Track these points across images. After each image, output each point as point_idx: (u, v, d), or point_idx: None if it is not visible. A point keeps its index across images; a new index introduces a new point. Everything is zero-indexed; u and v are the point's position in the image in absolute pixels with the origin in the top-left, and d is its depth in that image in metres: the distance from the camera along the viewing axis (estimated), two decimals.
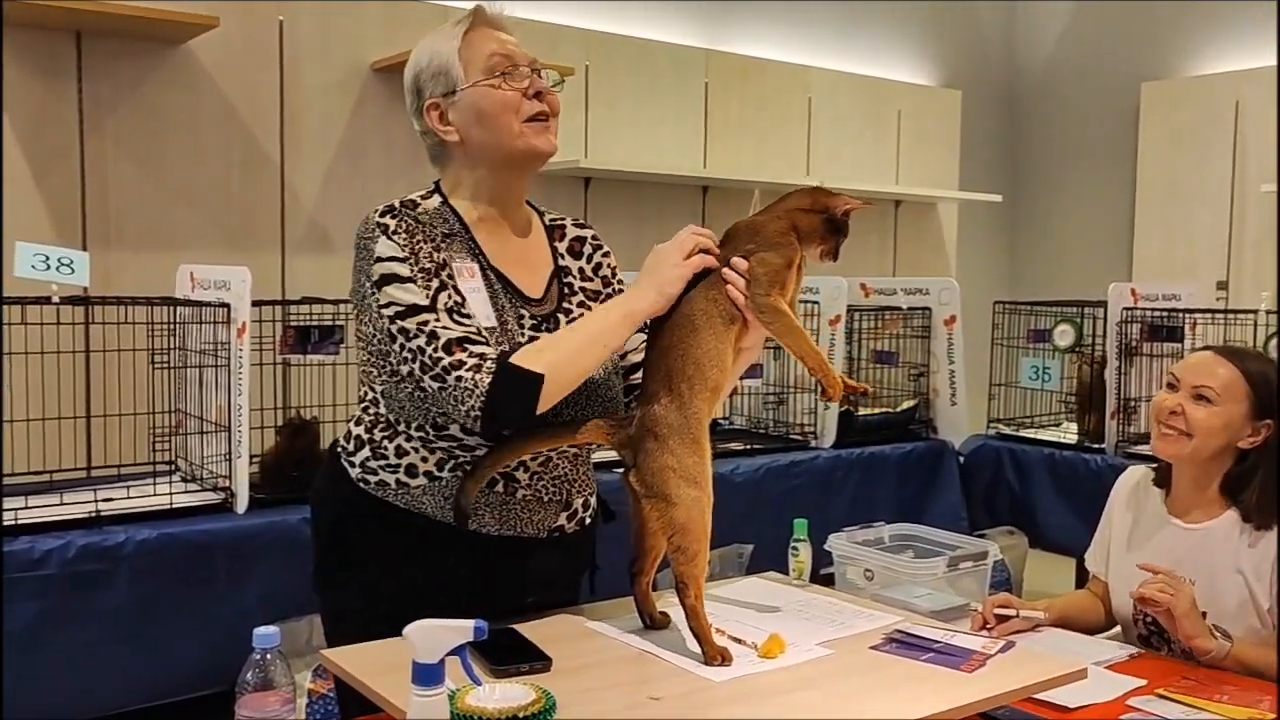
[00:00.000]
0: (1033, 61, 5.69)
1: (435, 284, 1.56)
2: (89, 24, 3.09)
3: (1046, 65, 5.62)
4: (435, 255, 1.59)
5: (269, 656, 1.28)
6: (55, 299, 2.41)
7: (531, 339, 1.64)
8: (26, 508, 2.38)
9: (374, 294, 1.56)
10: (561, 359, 1.54)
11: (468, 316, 1.57)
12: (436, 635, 1.07)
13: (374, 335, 1.62)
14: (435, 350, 1.51)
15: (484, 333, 1.58)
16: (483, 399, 1.49)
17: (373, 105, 3.63)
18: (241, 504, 2.56)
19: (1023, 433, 3.93)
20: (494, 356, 1.52)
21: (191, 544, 2.45)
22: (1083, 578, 4.37)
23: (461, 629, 1.07)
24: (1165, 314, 3.62)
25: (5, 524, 2.30)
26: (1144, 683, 1.75)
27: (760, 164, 4.56)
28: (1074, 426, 3.83)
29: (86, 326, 2.87)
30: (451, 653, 1.09)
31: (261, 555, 2.53)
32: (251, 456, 2.71)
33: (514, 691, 1.27)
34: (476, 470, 1.58)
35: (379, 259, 1.56)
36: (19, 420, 2.59)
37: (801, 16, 4.82)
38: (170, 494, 2.54)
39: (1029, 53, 5.70)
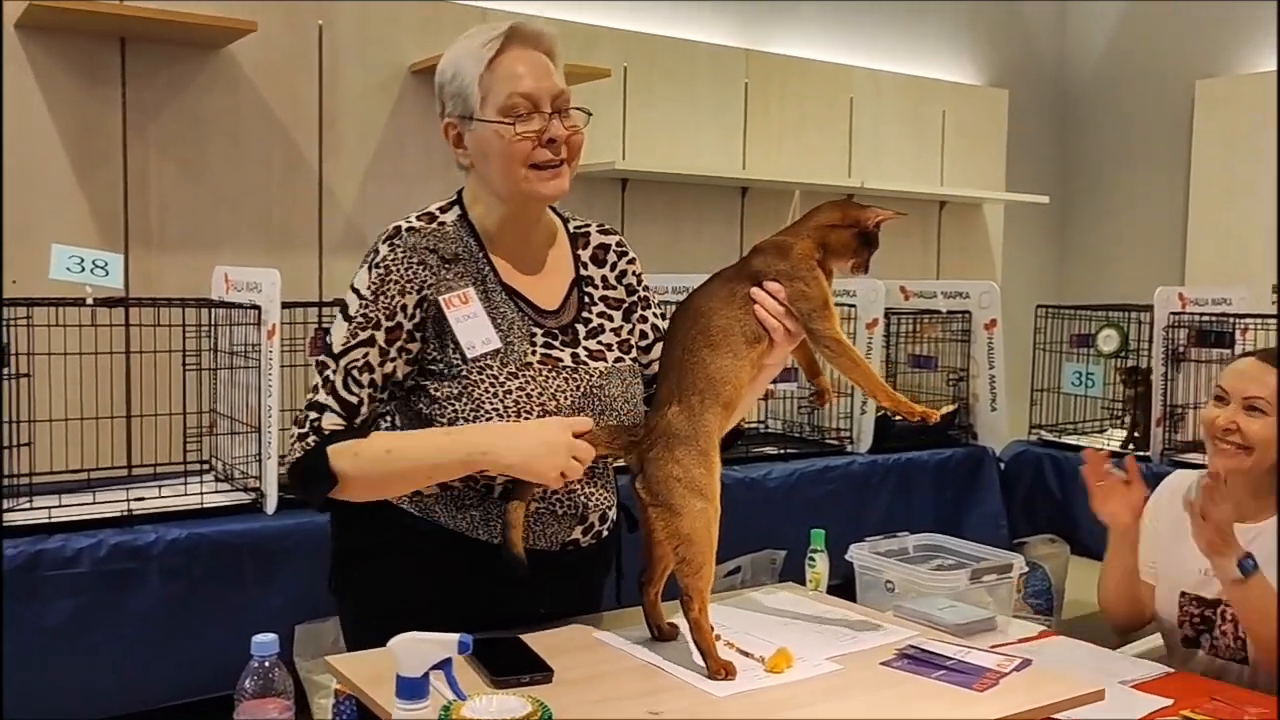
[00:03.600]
0: (1083, 58, 5.58)
1: (363, 336, 1.58)
2: (133, 30, 3.14)
3: (1097, 62, 5.51)
4: (397, 298, 1.58)
5: (268, 663, 1.28)
6: (90, 300, 2.45)
7: (544, 357, 1.63)
8: (60, 505, 2.42)
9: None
10: (369, 474, 1.57)
11: (360, 385, 1.58)
12: (420, 649, 1.06)
13: None
14: (308, 399, 1.59)
15: (363, 409, 1.58)
16: (287, 466, 1.58)
17: (411, 107, 3.65)
18: (271, 504, 2.59)
19: (1065, 439, 3.86)
20: (328, 432, 1.56)
21: (220, 544, 2.48)
22: None
23: (445, 643, 1.07)
24: (1214, 319, 3.53)
25: (38, 522, 2.34)
26: (1170, 703, 1.70)
27: (800, 165, 4.52)
28: (1118, 434, 3.76)
29: (126, 328, 2.92)
30: (438, 666, 1.09)
31: (290, 556, 2.55)
32: (282, 457, 2.74)
33: (510, 703, 1.27)
34: (510, 516, 1.56)
35: (352, 284, 1.62)
36: (57, 420, 2.63)
37: (843, 16, 4.77)
38: (201, 494, 2.58)
39: (1079, 50, 5.59)
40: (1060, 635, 2.04)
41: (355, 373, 1.57)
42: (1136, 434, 3.65)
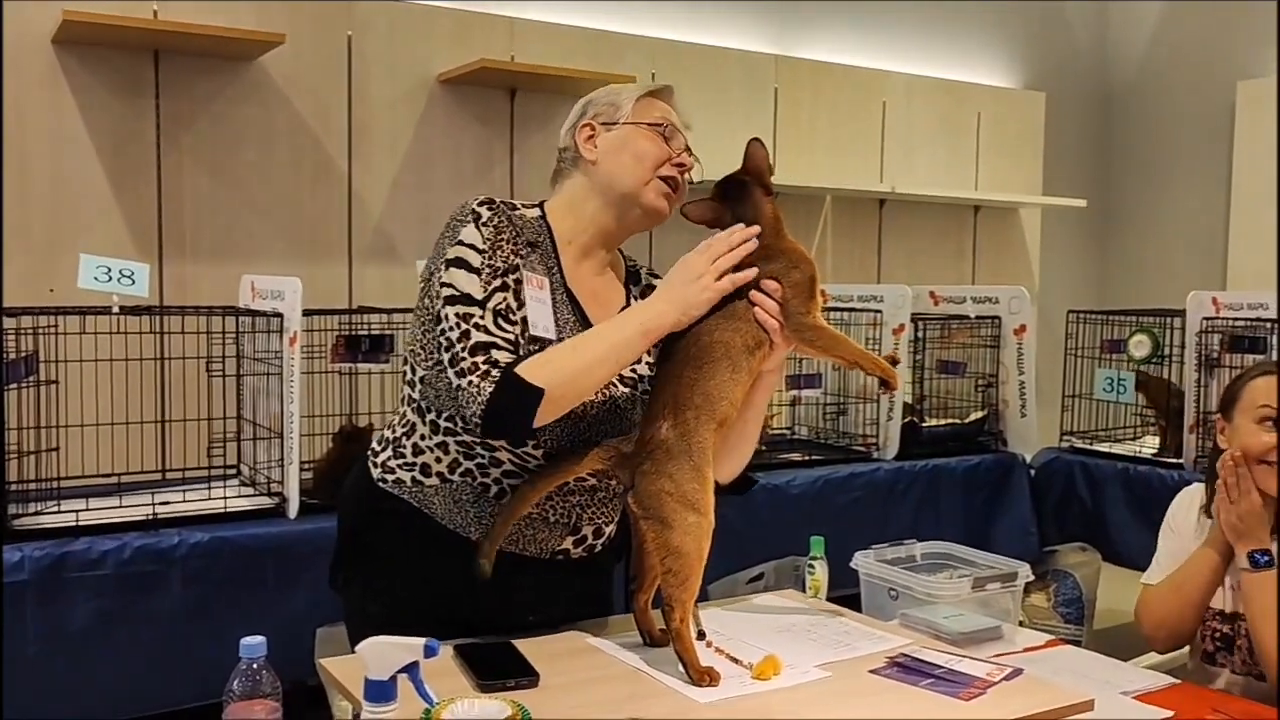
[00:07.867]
0: (1123, 60, 5.50)
1: (497, 283, 1.59)
2: (166, 43, 3.22)
3: (1138, 64, 5.43)
4: (511, 257, 1.62)
5: (255, 666, 1.32)
6: (116, 309, 2.51)
7: None
8: (87, 509, 2.48)
9: (442, 272, 1.61)
10: (567, 374, 1.54)
11: (512, 324, 1.59)
12: (388, 652, 1.08)
13: (426, 313, 1.66)
14: (464, 349, 1.54)
15: (523, 342, 1.59)
16: (483, 407, 1.51)
17: (439, 117, 3.70)
18: (293, 509, 2.63)
19: (1097, 446, 3.80)
20: (505, 364, 1.54)
21: (243, 547, 2.52)
22: None
23: (412, 647, 1.09)
24: (1248, 324, 3.46)
25: (64, 525, 2.40)
26: (1170, 714, 1.68)
27: (832, 171, 4.51)
28: (1151, 440, 3.71)
29: (156, 335, 2.98)
30: (405, 669, 1.11)
31: (311, 560, 2.58)
32: (306, 463, 2.79)
33: (491, 707, 1.28)
34: (494, 529, 1.60)
35: (459, 242, 1.60)
36: (89, 425, 2.70)
37: (874, 20, 4.75)
38: (225, 498, 2.63)
39: (1119, 51, 5.51)
40: (1067, 645, 2.02)
41: (503, 313, 1.58)
42: (1164, 441, 3.59)
